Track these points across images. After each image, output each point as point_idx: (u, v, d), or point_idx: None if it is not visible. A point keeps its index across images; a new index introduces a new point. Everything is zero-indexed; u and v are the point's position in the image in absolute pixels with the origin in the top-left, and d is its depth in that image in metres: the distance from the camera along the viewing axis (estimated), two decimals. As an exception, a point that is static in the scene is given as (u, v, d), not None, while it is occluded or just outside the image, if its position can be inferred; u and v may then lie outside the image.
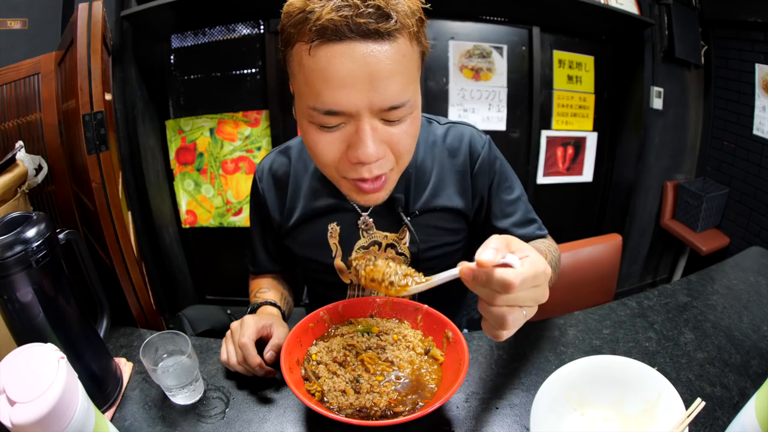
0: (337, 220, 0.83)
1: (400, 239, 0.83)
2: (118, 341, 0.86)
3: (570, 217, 2.50)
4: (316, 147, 0.63)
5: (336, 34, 0.53)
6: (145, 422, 0.68)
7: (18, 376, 0.47)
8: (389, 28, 0.54)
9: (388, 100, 0.57)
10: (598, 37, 2.28)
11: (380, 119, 0.60)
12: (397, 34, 0.55)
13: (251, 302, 0.88)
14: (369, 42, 0.54)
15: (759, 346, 0.77)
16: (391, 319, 0.77)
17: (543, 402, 0.60)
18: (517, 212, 0.85)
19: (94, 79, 0.91)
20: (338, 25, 0.52)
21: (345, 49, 0.54)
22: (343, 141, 0.61)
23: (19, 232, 0.58)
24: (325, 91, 0.56)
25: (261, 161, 0.91)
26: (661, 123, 2.32)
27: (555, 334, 0.83)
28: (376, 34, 0.54)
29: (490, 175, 0.83)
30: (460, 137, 0.83)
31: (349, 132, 0.60)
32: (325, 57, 0.54)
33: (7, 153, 0.88)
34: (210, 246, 2.31)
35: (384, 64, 0.55)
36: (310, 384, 0.65)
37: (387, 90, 0.56)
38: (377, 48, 0.54)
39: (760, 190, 2.16)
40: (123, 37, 1.85)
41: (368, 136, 0.58)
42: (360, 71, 0.54)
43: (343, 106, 0.56)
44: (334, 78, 0.55)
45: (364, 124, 0.58)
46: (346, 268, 0.85)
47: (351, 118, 0.58)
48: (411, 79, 0.60)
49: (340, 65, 0.54)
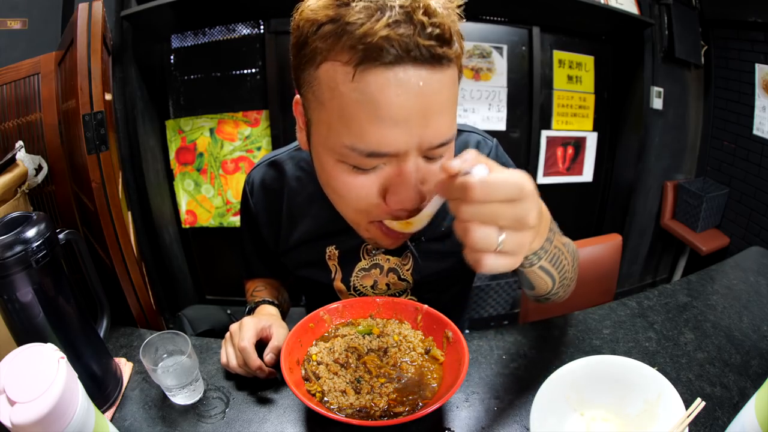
0: (336, 243, 0.79)
1: (403, 265, 0.79)
2: (118, 341, 0.86)
3: (570, 217, 2.50)
4: (348, 192, 0.53)
5: (390, 58, 0.43)
6: (145, 422, 0.68)
7: (18, 376, 0.47)
8: (450, 54, 0.46)
9: (439, 136, 0.49)
10: (598, 37, 2.28)
11: (423, 157, 0.51)
12: (453, 59, 0.48)
13: (248, 301, 0.87)
14: (423, 69, 0.44)
15: (759, 346, 0.77)
16: (392, 319, 0.77)
17: (543, 402, 0.60)
18: None
19: (94, 79, 0.91)
20: (396, 45, 0.42)
21: (401, 76, 0.43)
22: (380, 184, 0.52)
23: (19, 232, 0.58)
24: (370, 129, 0.46)
25: (250, 174, 0.84)
26: (661, 123, 2.32)
27: (555, 334, 0.83)
28: (436, 59, 0.45)
29: None
30: (464, 145, 0.77)
31: (388, 173, 0.51)
32: (375, 84, 0.44)
33: (7, 153, 0.88)
34: (210, 246, 2.31)
35: (438, 96, 0.47)
36: (310, 384, 0.65)
37: (440, 126, 0.48)
38: (432, 77, 0.45)
39: (760, 190, 2.16)
40: (123, 37, 1.85)
41: (411, 180, 0.50)
42: (416, 105, 0.45)
43: (392, 147, 0.47)
44: (385, 113, 0.45)
45: (409, 164, 0.49)
46: (345, 290, 0.82)
47: (394, 158, 0.49)
48: (456, 109, 0.53)
49: (395, 96, 0.44)
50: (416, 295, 0.83)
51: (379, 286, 0.81)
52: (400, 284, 0.81)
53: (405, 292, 0.83)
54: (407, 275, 0.80)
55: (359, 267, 0.81)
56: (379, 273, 0.80)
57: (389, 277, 0.81)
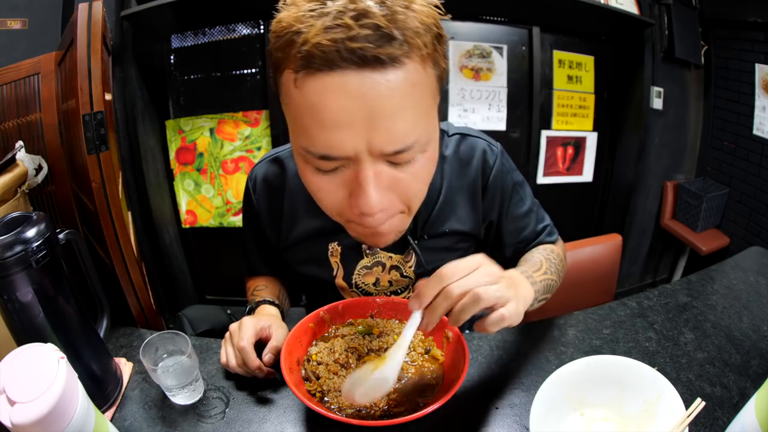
0: (338, 240, 0.79)
1: (406, 262, 0.80)
2: (118, 341, 0.86)
3: (570, 217, 2.50)
4: (317, 192, 0.55)
5: (326, 63, 0.43)
6: (145, 422, 0.68)
7: (18, 376, 0.47)
8: (392, 54, 0.43)
9: (392, 142, 0.47)
10: (598, 37, 2.28)
11: (386, 161, 0.50)
12: (404, 59, 0.44)
13: (249, 301, 0.87)
14: (367, 71, 0.43)
15: (759, 346, 0.77)
16: (392, 319, 0.77)
17: (543, 402, 0.60)
18: (528, 226, 0.83)
19: (94, 79, 0.91)
20: (327, 52, 0.42)
21: (338, 81, 0.43)
22: (343, 186, 0.52)
23: (19, 232, 0.58)
24: (317, 133, 0.47)
25: (253, 170, 0.84)
26: (661, 123, 2.31)
27: (555, 334, 0.83)
28: (376, 61, 0.43)
29: (501, 191, 0.78)
30: (471, 150, 0.76)
31: (348, 176, 0.50)
32: (314, 91, 0.45)
33: (7, 153, 0.88)
34: (210, 246, 2.31)
35: (387, 99, 0.44)
36: (310, 384, 0.65)
37: (392, 130, 0.46)
38: (378, 78, 0.43)
39: (760, 190, 2.16)
40: (123, 37, 1.85)
41: (370, 184, 0.49)
42: (357, 108, 0.44)
43: (337, 151, 0.47)
44: (326, 117, 0.45)
45: (366, 169, 0.48)
46: (347, 287, 0.82)
47: (349, 161, 0.49)
48: (423, 112, 0.49)
49: (333, 101, 0.44)
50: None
51: (381, 283, 0.82)
52: (403, 281, 0.82)
53: (407, 290, 0.84)
54: (409, 272, 0.81)
55: (361, 264, 0.81)
56: (381, 270, 0.81)
57: (391, 275, 0.81)
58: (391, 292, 0.83)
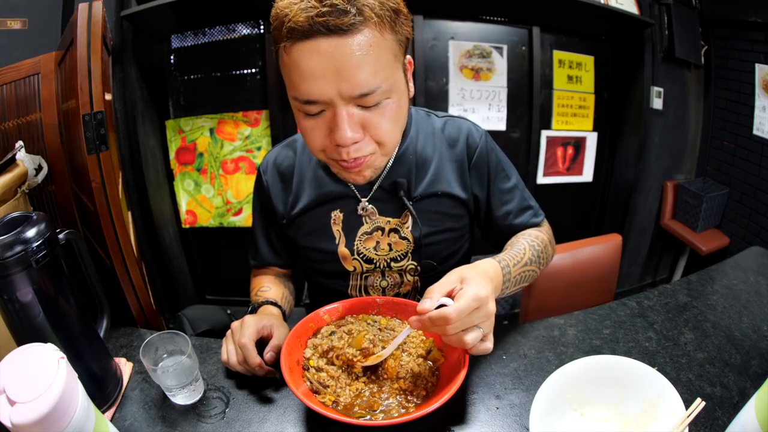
0: (340, 207, 0.86)
1: (403, 224, 0.86)
2: (118, 341, 0.86)
3: (570, 217, 2.50)
4: (305, 133, 0.69)
5: (303, 34, 0.59)
6: (145, 422, 0.68)
7: (18, 376, 0.47)
8: (347, 23, 0.58)
9: (357, 87, 0.61)
10: (598, 37, 2.28)
11: (356, 105, 0.64)
12: (360, 27, 0.59)
13: (252, 300, 0.88)
14: (333, 37, 0.58)
15: (759, 346, 0.77)
16: (392, 319, 0.77)
17: (543, 402, 0.60)
18: (513, 200, 0.89)
19: (94, 79, 0.91)
20: (302, 26, 0.58)
21: (312, 45, 0.59)
22: (325, 126, 0.66)
23: (19, 232, 0.58)
24: (300, 84, 0.62)
25: (265, 157, 0.94)
26: (661, 123, 2.32)
27: (555, 334, 0.83)
28: (338, 29, 0.58)
29: (488, 166, 0.87)
30: (458, 129, 0.87)
31: (329, 118, 0.65)
32: (296, 54, 0.60)
33: (7, 153, 0.88)
34: (210, 246, 2.31)
35: (348, 56, 0.59)
36: (322, 396, 0.64)
37: (354, 78, 0.60)
38: (341, 42, 0.59)
39: (760, 190, 2.16)
40: (123, 37, 1.85)
41: (344, 121, 0.63)
42: (326, 64, 0.59)
43: (315, 95, 0.62)
44: (305, 72, 0.61)
45: (340, 110, 0.63)
46: (349, 255, 0.87)
47: (328, 105, 0.63)
48: (383, 65, 0.63)
49: (308, 60, 0.60)
50: (416, 259, 0.87)
51: (381, 246, 0.87)
52: (401, 243, 0.86)
53: (406, 256, 0.87)
54: (407, 233, 0.86)
55: (362, 231, 0.86)
56: (381, 234, 0.86)
57: (390, 237, 0.86)
58: (391, 260, 0.87)
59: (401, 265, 0.88)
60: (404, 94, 0.69)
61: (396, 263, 0.87)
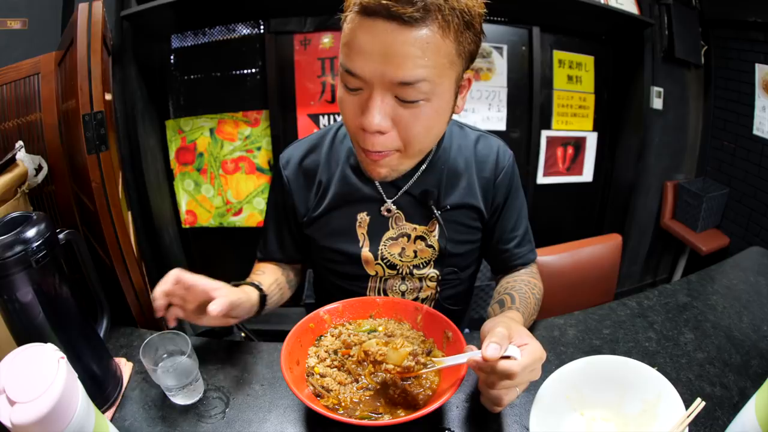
0: (367, 210, 0.85)
1: (430, 232, 0.85)
2: (118, 341, 0.86)
3: (570, 217, 2.50)
4: (342, 105, 0.69)
5: (366, 12, 0.60)
6: (145, 422, 0.68)
7: (18, 376, 0.47)
8: (409, 12, 0.58)
9: (398, 74, 0.61)
10: (598, 37, 2.28)
11: (394, 96, 0.64)
12: (422, 21, 0.59)
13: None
14: (392, 23, 0.59)
15: (759, 346, 0.77)
16: (391, 319, 0.77)
17: (543, 402, 0.60)
18: (521, 227, 0.91)
19: (94, 79, 0.91)
20: (370, 5, 0.60)
21: (371, 24, 0.60)
22: (358, 106, 0.66)
23: (19, 232, 0.58)
24: (348, 53, 0.64)
25: (284, 152, 0.92)
26: (661, 123, 2.32)
27: (555, 334, 0.83)
28: (399, 17, 0.58)
29: (508, 188, 0.88)
30: (489, 148, 0.88)
31: (364, 98, 0.65)
32: (356, 26, 0.62)
33: (7, 153, 0.88)
34: (210, 246, 2.31)
35: (400, 44, 0.60)
36: (325, 400, 0.64)
37: (399, 65, 0.60)
38: (398, 29, 0.59)
39: (760, 190, 2.16)
40: (123, 37, 1.85)
41: (376, 106, 0.63)
42: (377, 47, 0.60)
43: (358, 69, 0.63)
44: (356, 46, 0.62)
45: (376, 93, 0.63)
46: (372, 259, 0.86)
47: (367, 84, 0.64)
48: (432, 65, 0.62)
49: (363, 36, 0.61)
50: (439, 268, 0.87)
51: (406, 253, 0.86)
52: (427, 251, 0.86)
53: (429, 264, 0.87)
54: (434, 241, 0.86)
55: (387, 236, 0.86)
56: (406, 241, 0.86)
57: (417, 244, 0.86)
58: (414, 266, 0.86)
59: (423, 273, 0.87)
60: (447, 105, 0.69)
61: (418, 270, 0.87)
